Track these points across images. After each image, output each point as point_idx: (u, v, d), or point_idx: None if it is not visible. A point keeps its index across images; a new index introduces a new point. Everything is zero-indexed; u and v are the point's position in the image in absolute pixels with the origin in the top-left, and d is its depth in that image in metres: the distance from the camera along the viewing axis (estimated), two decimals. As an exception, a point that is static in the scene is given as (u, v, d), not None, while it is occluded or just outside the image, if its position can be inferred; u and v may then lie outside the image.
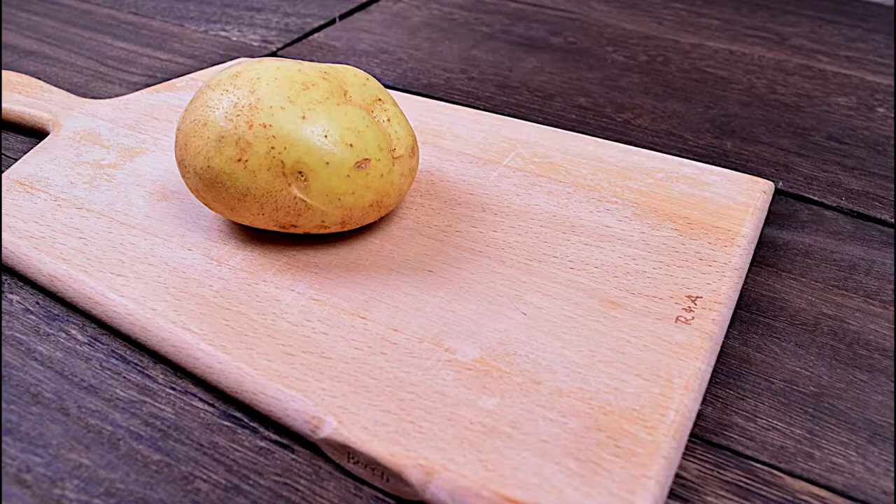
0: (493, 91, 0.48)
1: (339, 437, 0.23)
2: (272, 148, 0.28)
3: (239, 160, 0.28)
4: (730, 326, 0.30)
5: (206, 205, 0.30)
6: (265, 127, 0.28)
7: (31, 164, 0.37)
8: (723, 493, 0.24)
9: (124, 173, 0.36)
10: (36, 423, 0.25)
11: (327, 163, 0.28)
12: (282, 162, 0.28)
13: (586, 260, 0.30)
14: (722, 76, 0.51)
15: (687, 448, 0.25)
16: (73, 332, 0.29)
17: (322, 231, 0.30)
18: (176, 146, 0.30)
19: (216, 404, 0.26)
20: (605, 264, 0.30)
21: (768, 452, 0.25)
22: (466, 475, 0.22)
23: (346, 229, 0.30)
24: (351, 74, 0.31)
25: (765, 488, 0.24)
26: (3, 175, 0.36)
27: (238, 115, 0.28)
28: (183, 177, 0.31)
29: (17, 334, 0.29)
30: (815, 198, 0.38)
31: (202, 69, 0.49)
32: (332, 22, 0.59)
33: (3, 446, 0.25)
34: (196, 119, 0.29)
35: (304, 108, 0.28)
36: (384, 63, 0.52)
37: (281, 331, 0.27)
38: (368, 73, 0.50)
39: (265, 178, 0.28)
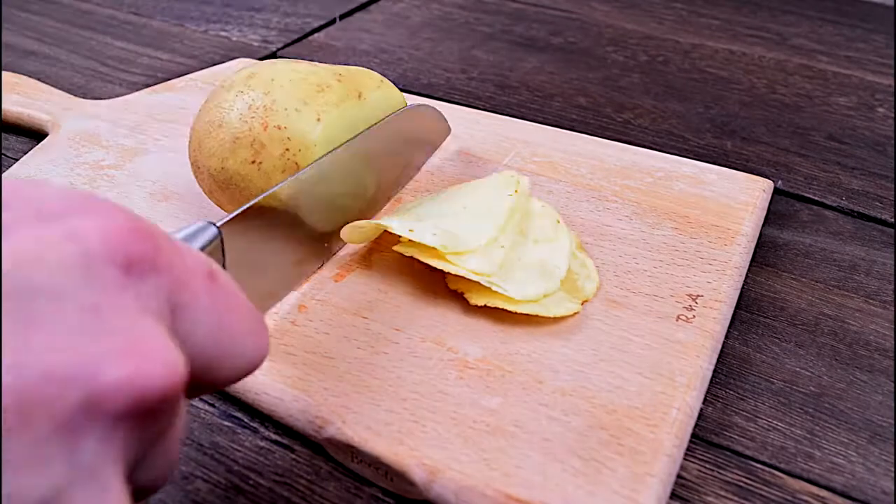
0: (493, 91, 0.48)
1: (343, 437, 0.23)
2: (286, 150, 0.28)
3: (253, 162, 0.28)
4: (730, 326, 0.30)
5: (219, 206, 0.30)
6: (280, 129, 0.28)
7: (31, 165, 0.37)
8: (723, 493, 0.24)
9: (124, 174, 0.36)
10: (37, 423, 0.25)
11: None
12: (296, 164, 0.28)
13: (587, 260, 0.30)
14: (722, 76, 0.51)
15: (687, 448, 0.25)
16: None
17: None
18: (189, 147, 0.30)
19: (216, 404, 0.26)
20: (605, 263, 0.30)
21: (768, 452, 0.25)
22: (470, 474, 0.22)
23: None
24: (366, 77, 0.31)
25: (765, 488, 0.24)
26: (3, 176, 0.36)
27: (253, 117, 0.28)
28: (196, 178, 0.30)
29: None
30: (816, 198, 0.38)
31: (202, 69, 0.49)
32: (332, 22, 0.59)
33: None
34: (211, 120, 0.29)
35: (319, 111, 0.28)
36: (384, 63, 0.52)
37: (283, 331, 0.27)
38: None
39: (279, 180, 0.28)
